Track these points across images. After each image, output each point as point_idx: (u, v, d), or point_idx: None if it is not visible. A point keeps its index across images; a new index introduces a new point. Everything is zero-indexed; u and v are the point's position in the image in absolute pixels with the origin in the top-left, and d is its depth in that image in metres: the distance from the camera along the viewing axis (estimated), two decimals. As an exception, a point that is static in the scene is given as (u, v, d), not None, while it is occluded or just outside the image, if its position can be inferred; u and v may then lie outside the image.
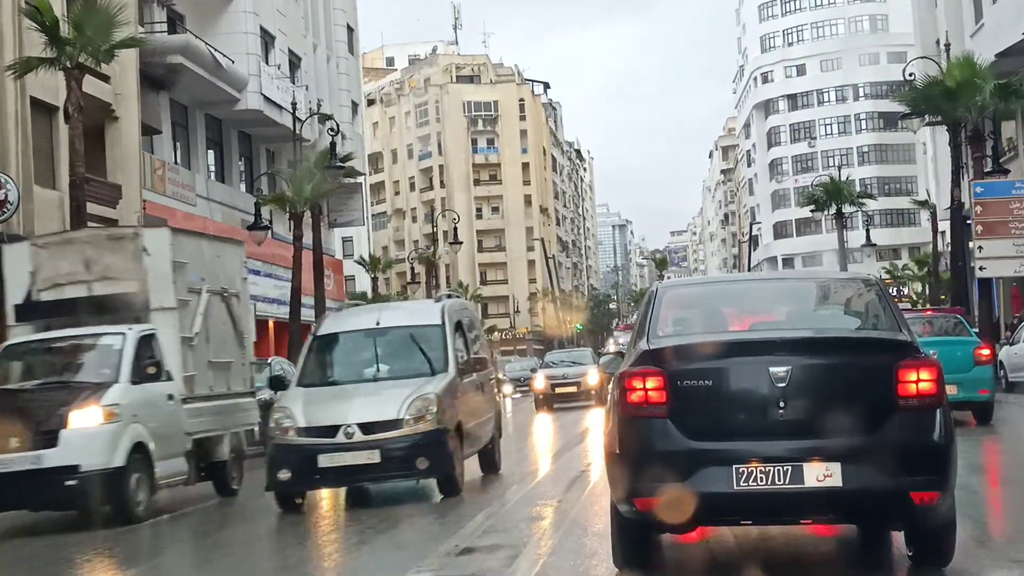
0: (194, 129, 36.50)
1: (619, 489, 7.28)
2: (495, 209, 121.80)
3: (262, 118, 38.19)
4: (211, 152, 38.81)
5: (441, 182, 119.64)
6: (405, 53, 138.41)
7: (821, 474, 6.80)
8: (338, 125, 31.82)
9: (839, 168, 57.02)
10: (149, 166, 32.24)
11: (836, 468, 6.79)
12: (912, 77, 30.23)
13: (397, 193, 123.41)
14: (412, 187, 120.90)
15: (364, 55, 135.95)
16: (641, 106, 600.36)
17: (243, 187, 40.35)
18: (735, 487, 6.85)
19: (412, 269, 53.86)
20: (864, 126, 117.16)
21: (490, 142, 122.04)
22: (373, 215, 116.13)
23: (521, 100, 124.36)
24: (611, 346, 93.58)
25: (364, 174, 51.36)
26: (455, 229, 54.61)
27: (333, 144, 29.96)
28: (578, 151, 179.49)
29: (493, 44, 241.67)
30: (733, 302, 8.57)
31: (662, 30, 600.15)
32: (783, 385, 6.89)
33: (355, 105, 50.49)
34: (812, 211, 45.78)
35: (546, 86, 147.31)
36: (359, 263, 59.27)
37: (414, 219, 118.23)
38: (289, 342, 29.94)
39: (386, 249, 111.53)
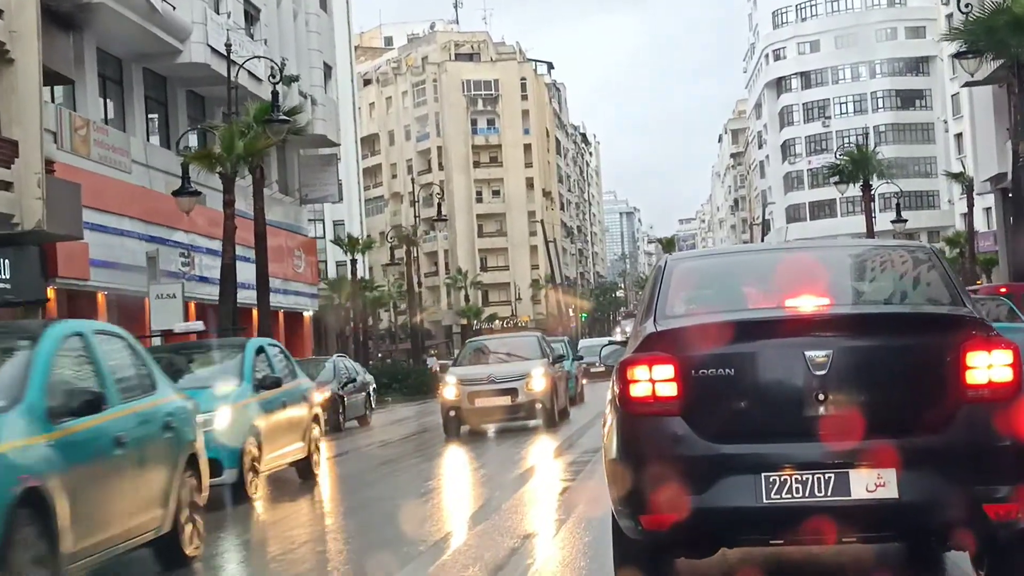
0: (130, 85, 31.78)
1: (621, 504, 6.15)
2: (496, 192, 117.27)
3: (212, 75, 33.43)
4: (156, 116, 34.13)
5: (440, 164, 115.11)
6: (403, 32, 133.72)
7: (872, 483, 5.76)
8: (280, 71, 27.02)
9: (866, 141, 52.11)
10: (68, 123, 27.59)
11: (891, 475, 5.75)
12: (968, 8, 25.50)
13: (394, 176, 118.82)
14: (409, 170, 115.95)
15: (361, 34, 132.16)
16: (639, 101, 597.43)
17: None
18: (764, 500, 5.80)
19: (392, 250, 49.27)
20: (881, 104, 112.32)
21: (490, 123, 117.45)
22: (370, 199, 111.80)
23: (523, 79, 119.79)
24: (618, 335, 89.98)
25: (339, 144, 46.70)
26: (439, 205, 50.06)
27: (275, 93, 25.26)
28: (583, 135, 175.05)
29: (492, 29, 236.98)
30: (757, 276, 7.07)
31: (658, 23, 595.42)
32: (822, 373, 5.81)
33: (328, 68, 45.71)
34: (835, 183, 40.95)
35: (549, 66, 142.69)
36: (335, 243, 54.76)
37: (411, 203, 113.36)
38: (219, 329, 25.20)
39: (383, 234, 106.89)
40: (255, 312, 39.45)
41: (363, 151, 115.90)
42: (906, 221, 42.70)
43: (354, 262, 49.15)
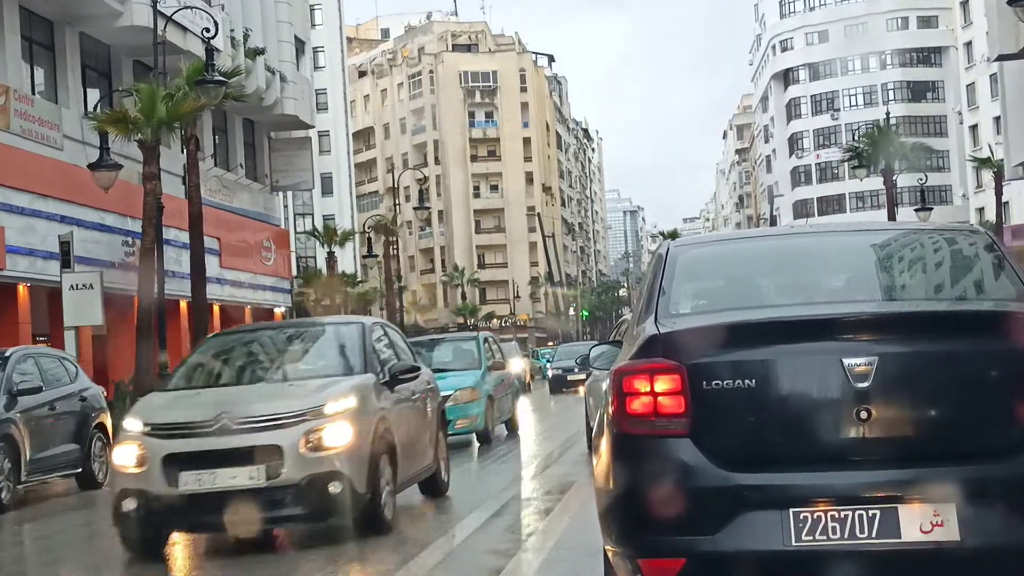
0: (63, 51, 28.27)
1: (616, 545, 5.14)
2: (494, 187, 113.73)
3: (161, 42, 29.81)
4: (96, 90, 30.58)
5: (436, 158, 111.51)
6: (401, 24, 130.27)
7: (927, 522, 4.69)
8: (216, 25, 23.37)
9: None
10: (-21, 90, 24.10)
11: (950, 512, 4.69)
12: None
13: (389, 171, 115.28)
14: (405, 163, 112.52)
15: (357, 26, 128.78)
16: (640, 100, 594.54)
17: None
18: (793, 543, 4.71)
19: (369, 241, 45.85)
20: (892, 96, 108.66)
21: (488, 115, 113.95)
22: (365, 194, 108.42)
23: (522, 70, 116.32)
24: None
25: (313, 126, 43.16)
26: (421, 192, 46.67)
27: (209, 50, 21.65)
28: (585, 130, 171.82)
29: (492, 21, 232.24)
30: (779, 266, 6.02)
31: (656, 21, 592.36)
32: (865, 385, 4.77)
33: (300, 43, 42.18)
34: (854, 168, 37.34)
35: (550, 59, 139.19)
36: (312, 234, 51.37)
37: (407, 198, 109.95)
38: (137, 324, 21.59)
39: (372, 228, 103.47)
40: (216, 307, 36.25)
41: (358, 145, 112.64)
42: (931, 209, 39.03)
43: (331, 254, 45.68)
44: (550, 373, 42.53)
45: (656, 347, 5.08)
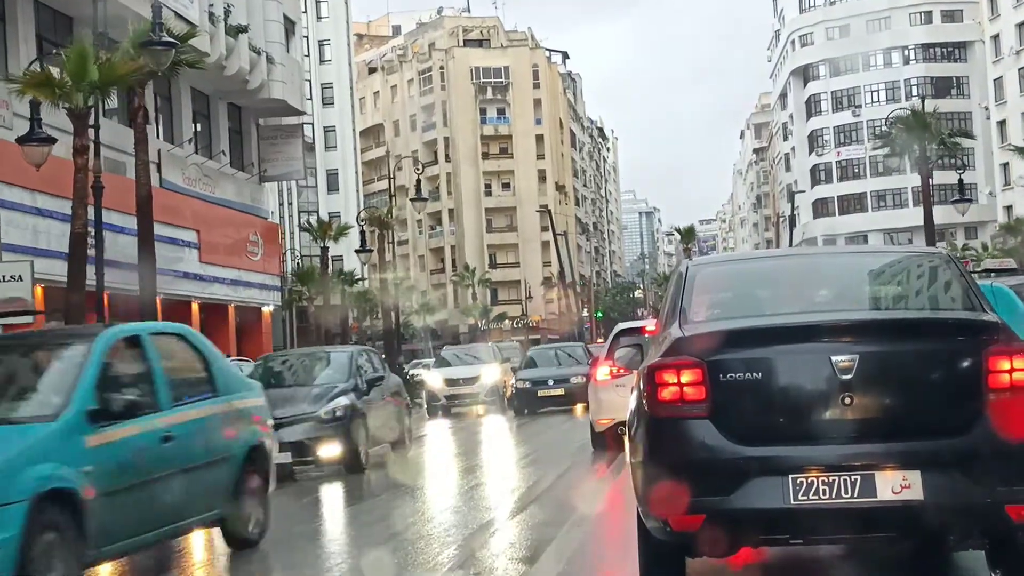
0: (14, 22, 25.71)
1: (649, 506, 6.36)
2: (506, 185, 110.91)
3: (129, 15, 27.21)
4: (56, 68, 27.91)
5: (447, 155, 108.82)
6: (413, 20, 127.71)
7: (897, 485, 5.96)
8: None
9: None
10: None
11: (915, 477, 5.95)
12: None
13: (399, 168, 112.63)
14: (415, 161, 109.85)
15: (368, 23, 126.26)
16: (652, 104, 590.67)
17: (115, 116, 29.45)
18: (792, 502, 5.99)
19: (363, 233, 43.24)
20: (915, 92, 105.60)
21: (500, 112, 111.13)
22: (374, 192, 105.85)
23: (535, 66, 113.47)
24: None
25: (304, 112, 40.56)
26: (418, 182, 44.10)
27: (157, 7, 18.94)
28: (600, 129, 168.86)
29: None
30: (779, 281, 7.43)
31: (655, 26, 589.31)
32: (848, 377, 6.00)
33: (291, 23, 39.50)
34: (886, 156, 34.56)
35: (564, 55, 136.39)
36: (305, 229, 48.82)
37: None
38: (67, 318, 18.90)
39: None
40: (195, 306, 33.62)
41: (367, 142, 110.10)
42: (970, 200, 36.21)
43: (324, 249, 43.11)
44: (515, 386, 30.92)
45: (681, 347, 6.24)
